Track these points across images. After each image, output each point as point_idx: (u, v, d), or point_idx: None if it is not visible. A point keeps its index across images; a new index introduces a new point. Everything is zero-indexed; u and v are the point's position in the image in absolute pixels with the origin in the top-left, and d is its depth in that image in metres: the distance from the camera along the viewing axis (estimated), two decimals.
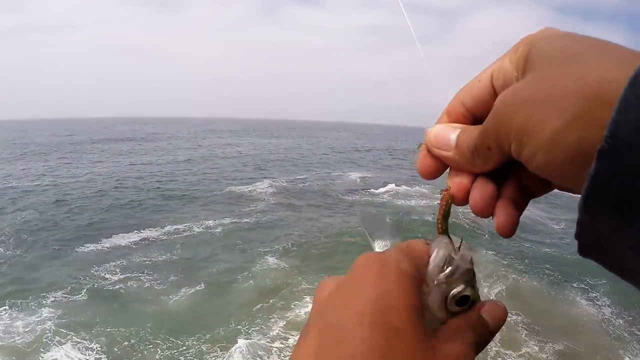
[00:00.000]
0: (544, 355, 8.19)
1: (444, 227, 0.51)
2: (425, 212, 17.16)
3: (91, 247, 13.27)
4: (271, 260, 12.10)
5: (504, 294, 10.35)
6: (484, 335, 0.48)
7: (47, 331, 8.45)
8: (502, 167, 0.46)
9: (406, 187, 22.90)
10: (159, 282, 10.82)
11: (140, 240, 13.92)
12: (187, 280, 10.93)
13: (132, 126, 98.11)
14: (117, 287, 10.57)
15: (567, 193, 0.45)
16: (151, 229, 14.92)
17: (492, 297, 8.78)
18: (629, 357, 8.35)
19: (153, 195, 20.51)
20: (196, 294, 10.33)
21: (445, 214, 0.51)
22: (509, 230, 0.47)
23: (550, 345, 8.49)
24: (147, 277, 11.08)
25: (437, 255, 0.49)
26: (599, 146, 0.32)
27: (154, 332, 8.57)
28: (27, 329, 8.51)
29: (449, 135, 0.47)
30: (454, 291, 0.48)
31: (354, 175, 28.32)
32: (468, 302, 0.48)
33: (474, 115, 0.49)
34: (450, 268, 0.48)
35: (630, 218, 0.32)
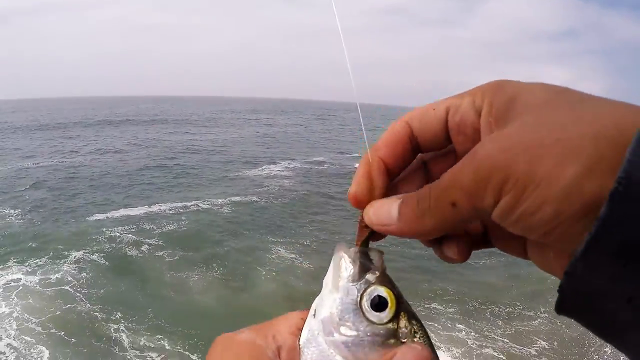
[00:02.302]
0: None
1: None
2: None
3: (104, 215, 13.73)
4: (282, 247, 12.12)
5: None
6: None
7: (66, 284, 9.10)
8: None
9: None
10: (169, 251, 11.12)
11: (153, 212, 14.24)
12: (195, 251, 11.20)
13: (149, 104, 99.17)
14: (129, 252, 11.01)
15: (503, 253, 0.48)
16: (162, 204, 15.17)
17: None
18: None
19: (162, 174, 20.76)
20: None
21: (365, 242, 0.48)
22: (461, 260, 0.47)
23: None
24: (159, 246, 11.45)
25: (333, 260, 0.47)
26: (612, 188, 0.30)
27: (159, 294, 8.94)
28: (49, 282, 9.11)
29: (389, 208, 0.44)
30: (364, 292, 0.43)
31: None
32: (387, 305, 0.43)
33: (415, 140, 0.47)
34: (352, 269, 0.45)
35: (636, 267, 0.30)
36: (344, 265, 0.46)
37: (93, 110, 72.50)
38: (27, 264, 9.93)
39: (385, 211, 0.45)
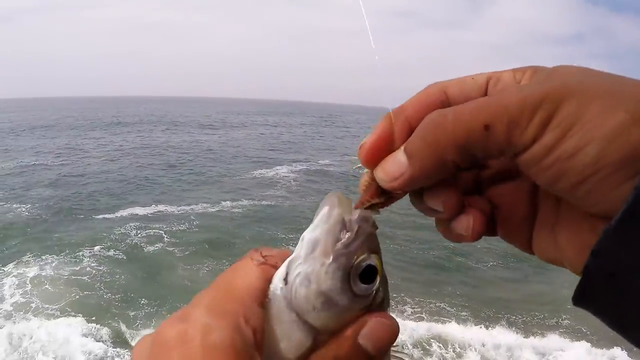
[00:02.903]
0: None
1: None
2: None
3: (113, 215, 13.93)
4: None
5: None
6: None
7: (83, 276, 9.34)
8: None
9: None
10: (182, 247, 11.33)
11: (163, 212, 14.40)
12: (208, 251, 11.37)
13: (151, 105, 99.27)
14: (144, 247, 11.25)
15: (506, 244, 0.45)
16: (171, 205, 15.32)
17: None
18: None
19: (169, 174, 20.88)
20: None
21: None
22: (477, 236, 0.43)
23: None
24: (171, 244, 11.64)
25: (328, 215, 0.40)
26: None
27: (172, 291, 9.08)
28: (65, 275, 9.36)
29: (396, 155, 0.40)
30: (357, 262, 0.39)
31: None
32: (376, 276, 0.40)
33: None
34: (349, 234, 0.39)
35: None
36: (340, 226, 0.40)
37: (99, 111, 72.65)
38: (42, 258, 10.12)
39: (391, 161, 0.40)
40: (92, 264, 9.96)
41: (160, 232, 12.22)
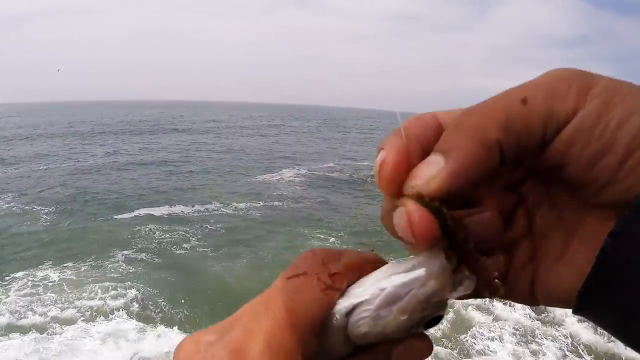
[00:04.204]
0: None
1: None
2: None
3: (129, 215, 14.16)
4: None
5: None
6: None
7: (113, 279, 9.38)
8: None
9: None
10: (209, 247, 11.47)
11: (178, 214, 14.68)
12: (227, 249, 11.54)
13: (160, 109, 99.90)
14: (169, 248, 11.35)
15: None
16: (186, 205, 15.57)
17: None
18: None
19: (179, 176, 21.18)
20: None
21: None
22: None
23: None
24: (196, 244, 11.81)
25: (422, 284, 0.36)
26: None
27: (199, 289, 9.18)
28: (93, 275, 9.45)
29: (428, 160, 0.34)
30: (428, 316, 0.37)
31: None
32: (439, 321, 0.38)
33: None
34: (435, 300, 0.36)
35: None
36: (443, 270, 0.35)
37: (107, 115, 73.32)
38: (64, 263, 10.08)
39: (425, 165, 0.33)
40: (125, 266, 10.01)
41: (185, 232, 12.42)
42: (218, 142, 36.54)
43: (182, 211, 14.79)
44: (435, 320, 0.37)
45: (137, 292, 8.73)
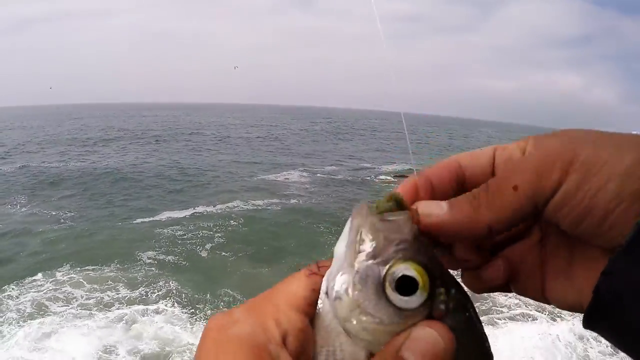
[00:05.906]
0: None
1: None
2: None
3: (149, 219, 14.24)
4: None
5: None
6: None
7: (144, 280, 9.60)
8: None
9: None
10: (233, 250, 11.60)
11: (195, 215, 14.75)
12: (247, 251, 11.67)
13: (163, 112, 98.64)
14: (193, 250, 11.55)
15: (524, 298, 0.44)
16: (207, 206, 15.67)
17: None
18: None
19: (190, 180, 21.14)
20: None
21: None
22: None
23: None
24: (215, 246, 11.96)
25: (350, 226, 0.38)
26: None
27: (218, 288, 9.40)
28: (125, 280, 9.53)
29: (438, 203, 0.43)
30: (387, 273, 0.35)
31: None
32: (417, 286, 0.35)
33: (461, 172, 0.46)
34: (374, 243, 0.36)
35: None
36: (362, 235, 0.37)
37: (115, 118, 72.50)
38: (83, 267, 10.06)
39: (434, 203, 0.43)
40: (150, 268, 10.24)
41: (210, 233, 12.51)
42: (226, 144, 36.56)
43: (204, 211, 14.87)
44: (406, 283, 0.35)
45: (164, 291, 8.94)
